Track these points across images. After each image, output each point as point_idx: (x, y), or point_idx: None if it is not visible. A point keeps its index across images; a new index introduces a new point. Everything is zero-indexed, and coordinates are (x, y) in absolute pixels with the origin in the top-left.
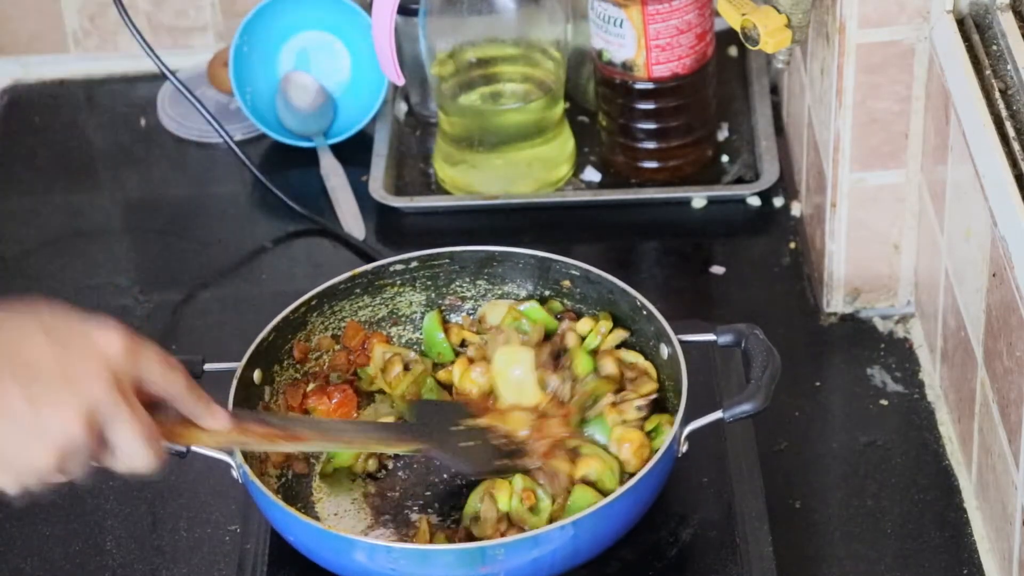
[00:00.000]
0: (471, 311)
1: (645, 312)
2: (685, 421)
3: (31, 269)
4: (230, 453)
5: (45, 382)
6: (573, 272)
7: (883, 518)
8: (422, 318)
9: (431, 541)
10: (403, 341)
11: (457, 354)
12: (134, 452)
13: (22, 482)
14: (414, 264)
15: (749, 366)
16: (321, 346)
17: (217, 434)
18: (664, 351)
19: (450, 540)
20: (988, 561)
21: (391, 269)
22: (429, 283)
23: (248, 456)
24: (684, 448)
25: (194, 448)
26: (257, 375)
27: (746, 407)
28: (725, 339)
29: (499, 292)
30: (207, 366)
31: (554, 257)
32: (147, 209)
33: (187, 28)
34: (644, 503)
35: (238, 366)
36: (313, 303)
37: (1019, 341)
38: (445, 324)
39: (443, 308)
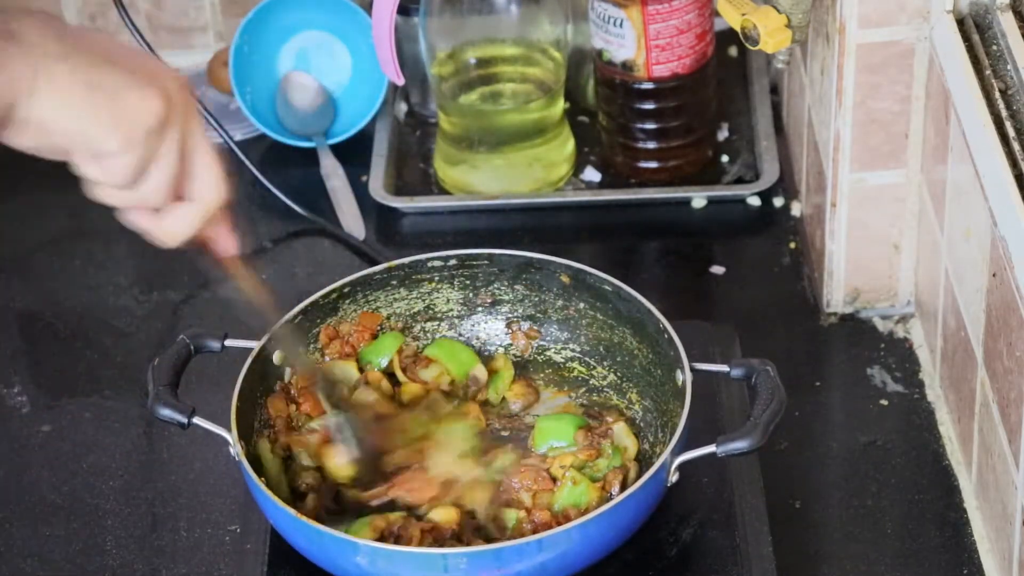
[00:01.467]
0: (509, 314)
1: (667, 336)
2: (678, 451)
3: (31, 269)
4: (228, 430)
5: (137, 52)
6: (606, 287)
7: (883, 518)
8: (458, 316)
9: (411, 542)
10: (436, 337)
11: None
12: (210, 160)
13: (129, 138)
14: (452, 262)
15: (754, 402)
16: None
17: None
18: (679, 377)
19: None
20: (988, 561)
21: (428, 264)
22: (467, 282)
23: (255, 434)
24: (675, 478)
25: (195, 421)
26: (278, 356)
27: (740, 444)
28: (737, 372)
29: (536, 299)
30: (228, 342)
31: (589, 270)
32: None
33: (187, 28)
34: (624, 529)
35: (258, 344)
36: (346, 291)
37: (1019, 341)
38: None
39: (478, 306)
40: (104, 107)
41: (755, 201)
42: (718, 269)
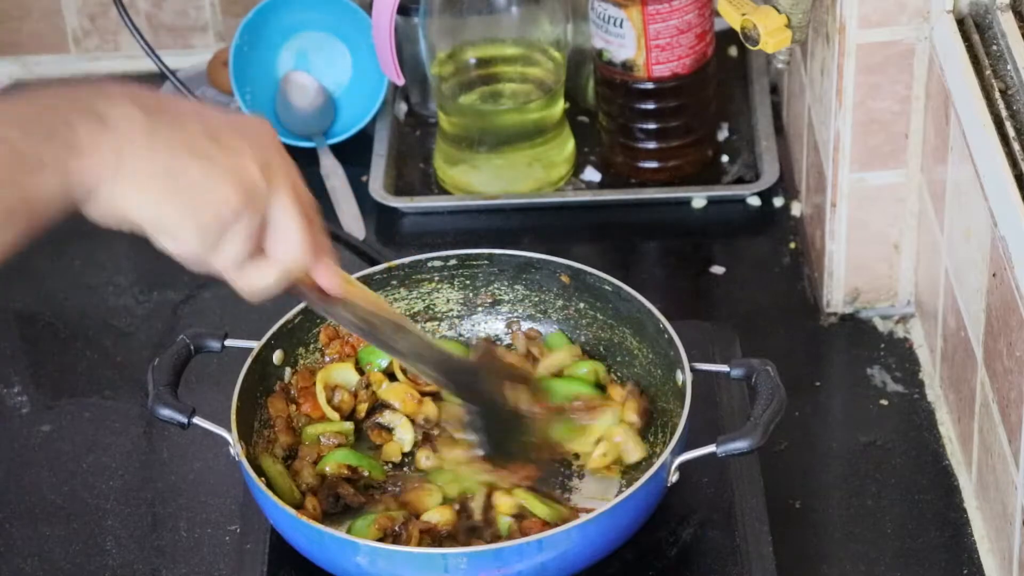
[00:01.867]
0: (509, 314)
1: (667, 336)
2: (678, 451)
3: (31, 269)
4: (228, 431)
5: (226, 130)
6: (606, 287)
7: (883, 518)
8: (458, 316)
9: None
10: (437, 337)
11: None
12: (294, 227)
13: (204, 231)
14: (452, 262)
15: (754, 402)
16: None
17: (326, 285)
18: (679, 377)
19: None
20: (988, 561)
21: (429, 264)
22: (467, 282)
23: (255, 434)
24: (675, 478)
25: (195, 421)
26: (278, 356)
27: (740, 444)
28: (737, 372)
29: (536, 299)
30: (228, 342)
31: (589, 270)
32: None
33: (187, 28)
34: (625, 529)
35: (258, 344)
36: None
37: (1019, 341)
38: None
39: (478, 306)
40: (180, 198)
41: (755, 201)
42: (718, 269)
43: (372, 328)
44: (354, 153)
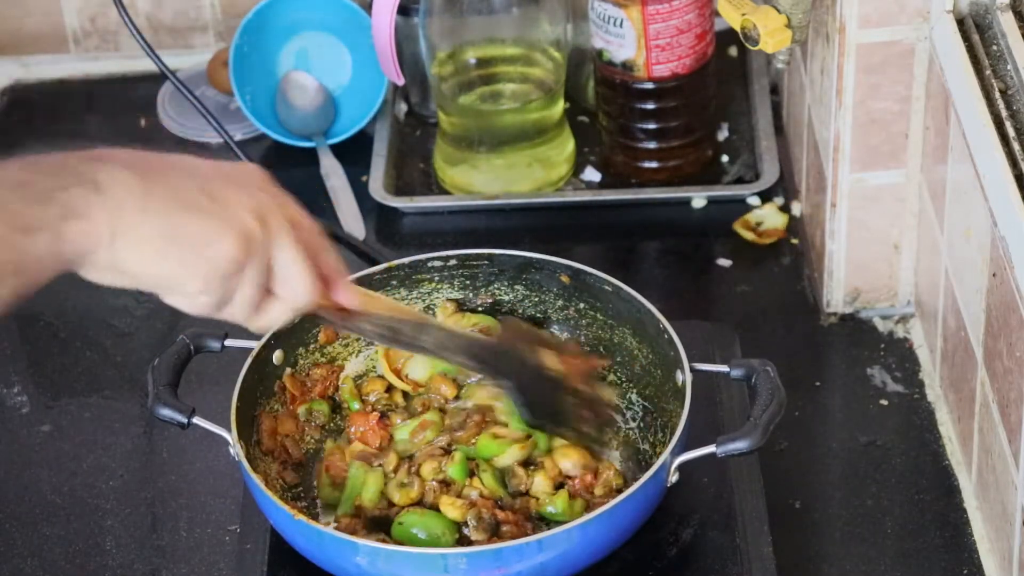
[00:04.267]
0: (508, 312)
1: (667, 336)
2: (678, 451)
3: None
4: (228, 430)
5: (218, 182)
6: (606, 287)
7: (883, 518)
8: None
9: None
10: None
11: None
12: (297, 268)
13: (208, 281)
14: (452, 262)
15: (754, 402)
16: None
17: (344, 303)
18: (679, 377)
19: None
20: (988, 561)
21: (429, 264)
22: (467, 282)
23: (255, 434)
24: (674, 478)
25: (195, 421)
26: (278, 356)
27: (740, 444)
28: (737, 372)
29: (536, 299)
30: (228, 342)
31: (588, 270)
32: None
33: (187, 28)
34: (625, 529)
35: (258, 344)
36: None
37: (1019, 341)
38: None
39: (478, 308)
40: (181, 256)
41: (755, 201)
42: (725, 262)
43: (395, 333)
44: (354, 153)
